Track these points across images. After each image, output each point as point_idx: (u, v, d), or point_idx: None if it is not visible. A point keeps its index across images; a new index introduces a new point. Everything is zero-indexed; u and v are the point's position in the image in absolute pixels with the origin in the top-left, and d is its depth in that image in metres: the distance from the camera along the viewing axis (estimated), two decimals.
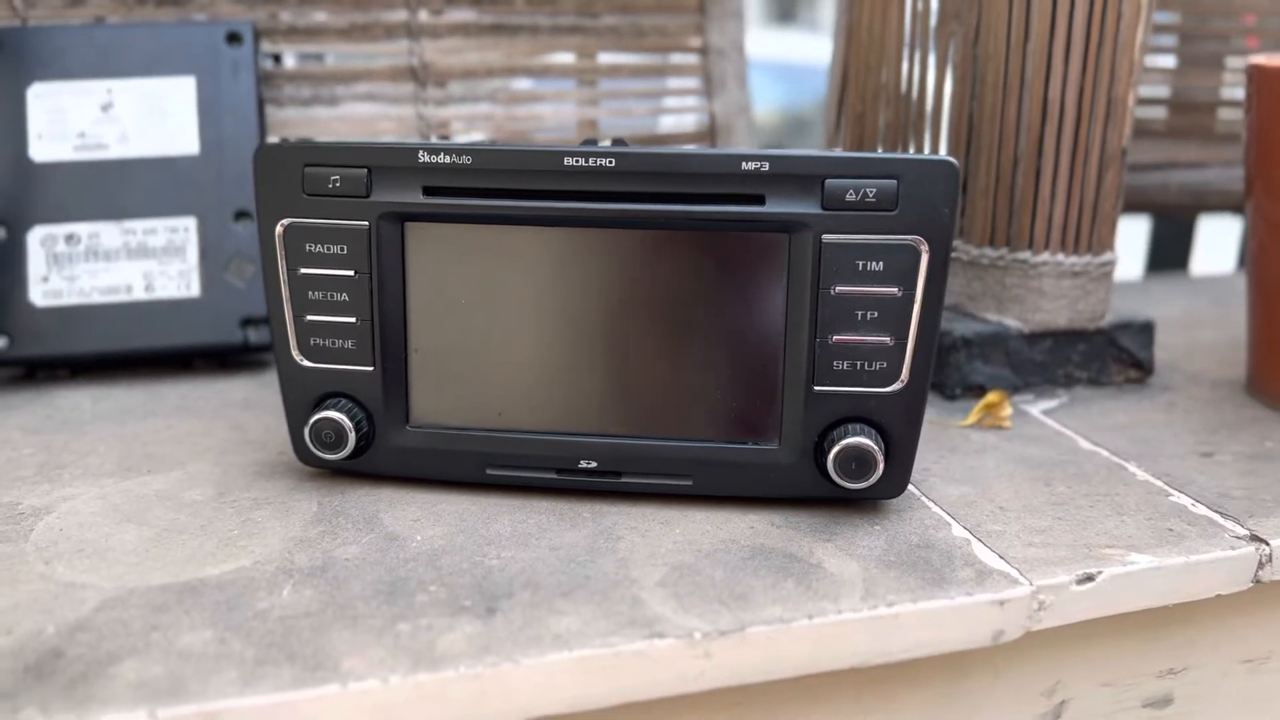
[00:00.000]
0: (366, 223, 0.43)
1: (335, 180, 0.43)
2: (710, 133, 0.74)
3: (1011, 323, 0.56)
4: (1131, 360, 0.58)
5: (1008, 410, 0.53)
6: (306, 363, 0.45)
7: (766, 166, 0.41)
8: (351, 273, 0.44)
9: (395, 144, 0.43)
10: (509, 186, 0.42)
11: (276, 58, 0.69)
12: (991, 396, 0.53)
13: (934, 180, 0.40)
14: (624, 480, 0.44)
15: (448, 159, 0.42)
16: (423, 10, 0.68)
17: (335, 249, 0.44)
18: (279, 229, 0.44)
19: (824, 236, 0.41)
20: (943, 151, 0.58)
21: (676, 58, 0.73)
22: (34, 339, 0.58)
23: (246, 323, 0.60)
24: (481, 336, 0.44)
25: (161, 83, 0.60)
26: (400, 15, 0.68)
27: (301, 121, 0.67)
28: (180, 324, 0.59)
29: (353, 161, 0.43)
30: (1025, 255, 0.55)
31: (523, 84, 0.71)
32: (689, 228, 0.42)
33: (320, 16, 0.67)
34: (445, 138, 0.70)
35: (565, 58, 0.72)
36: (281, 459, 0.49)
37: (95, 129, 0.59)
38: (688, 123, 0.75)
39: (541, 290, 0.43)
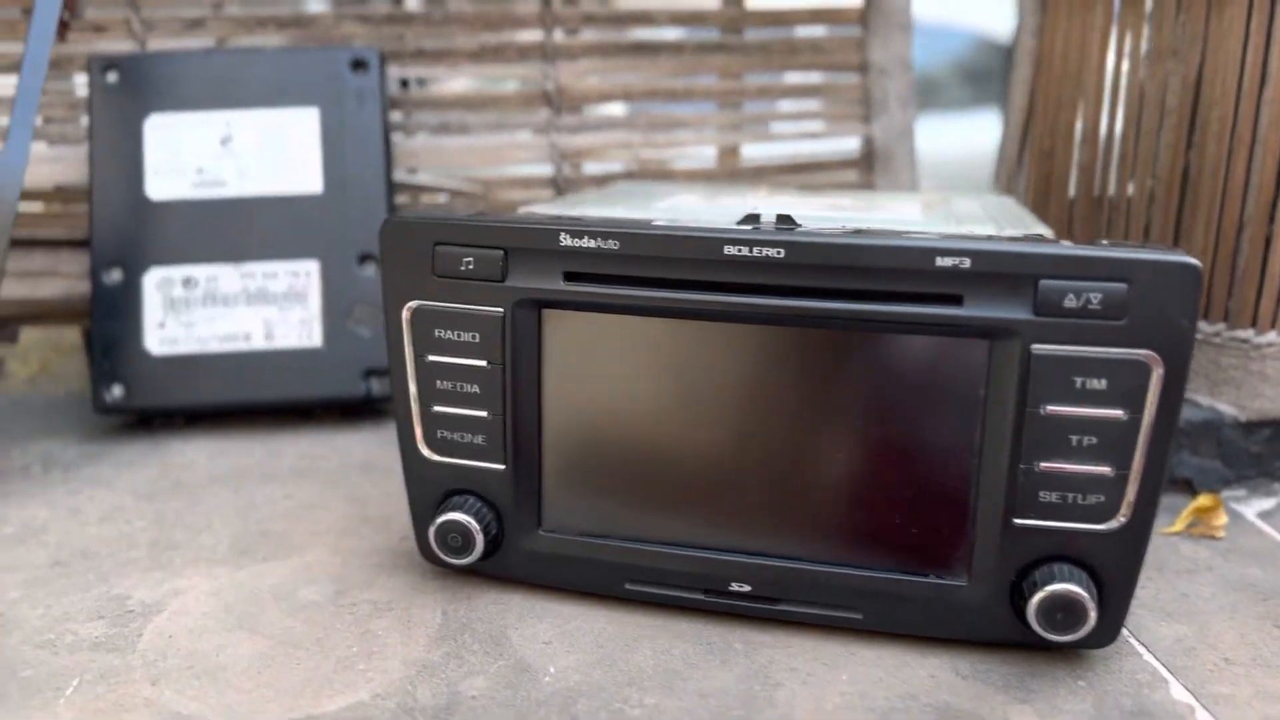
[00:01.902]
0: (501, 309, 0.39)
1: (469, 262, 0.38)
2: (867, 158, 0.67)
3: (1225, 408, 0.49)
4: None
5: (1222, 519, 0.46)
6: (434, 456, 0.41)
7: (967, 263, 0.34)
8: (483, 363, 0.39)
9: (535, 225, 0.38)
10: (660, 276, 0.37)
11: (404, 82, 0.65)
12: (1203, 500, 0.46)
13: (1171, 285, 0.33)
14: (782, 608, 0.39)
15: (593, 243, 0.37)
16: (558, 30, 0.63)
17: (466, 336, 0.39)
18: (406, 312, 0.39)
19: (1034, 347, 0.34)
20: (1149, 203, 0.51)
21: (833, 76, 0.67)
22: (150, 389, 0.55)
23: (369, 374, 0.56)
24: (624, 437, 0.39)
25: (283, 114, 0.57)
26: (534, 36, 0.63)
27: (429, 151, 0.63)
28: (301, 375, 0.56)
29: (488, 242, 0.38)
30: (1247, 334, 0.47)
31: (663, 108, 0.66)
32: (869, 329, 0.36)
33: (451, 38, 0.62)
34: (577, 167, 0.65)
35: (710, 79, 0.66)
36: (403, 545, 0.45)
37: (214, 164, 0.56)
38: (843, 148, 0.68)
39: (693, 389, 0.38)
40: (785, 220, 0.38)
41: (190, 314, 0.55)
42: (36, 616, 0.40)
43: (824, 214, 0.44)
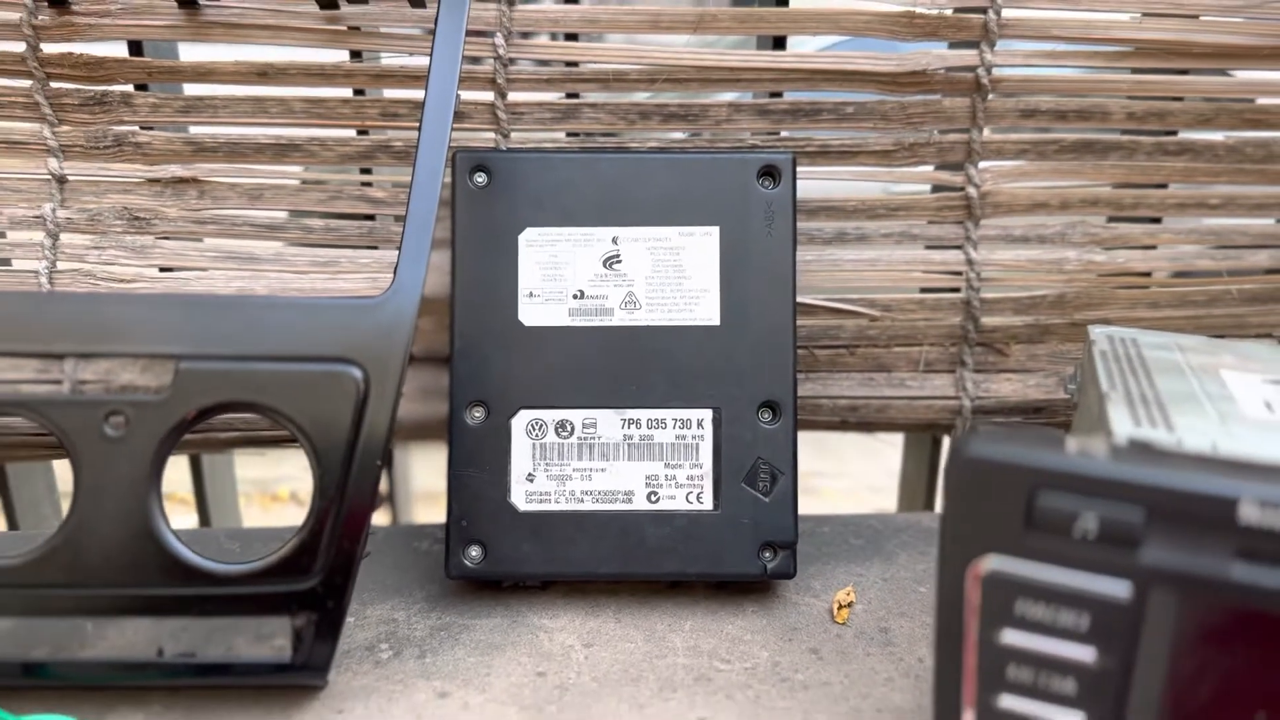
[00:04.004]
0: (1129, 586, 0.28)
1: (1088, 522, 0.28)
2: None
3: None
4: None
5: None
6: None
7: None
8: (1089, 655, 0.28)
9: (1196, 484, 0.27)
10: None
11: None
12: None
13: None
14: None
15: None
16: (989, 126, 0.52)
17: (1068, 616, 0.29)
18: (975, 571, 0.29)
19: None
20: None
21: None
22: (512, 553, 0.46)
23: (766, 547, 0.47)
24: None
25: (678, 234, 0.47)
26: (959, 132, 0.52)
27: (820, 266, 0.53)
28: (686, 544, 0.46)
29: (1122, 495, 0.27)
30: None
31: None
32: None
33: (860, 133, 0.52)
34: (994, 286, 0.54)
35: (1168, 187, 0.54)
36: None
37: (597, 289, 0.47)
38: None
39: None
40: None
41: (563, 465, 0.47)
42: None
43: None
